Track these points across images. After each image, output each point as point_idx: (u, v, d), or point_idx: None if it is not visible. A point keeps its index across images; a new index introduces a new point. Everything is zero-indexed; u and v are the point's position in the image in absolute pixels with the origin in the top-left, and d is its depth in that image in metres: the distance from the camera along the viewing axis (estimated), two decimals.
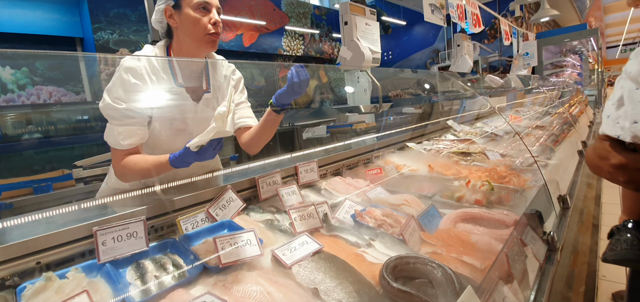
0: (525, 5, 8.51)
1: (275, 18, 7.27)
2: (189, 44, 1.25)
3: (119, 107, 1.13)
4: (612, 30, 23.74)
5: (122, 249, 0.92)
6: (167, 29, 1.29)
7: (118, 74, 1.15)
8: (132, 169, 1.17)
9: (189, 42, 1.25)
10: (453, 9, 3.19)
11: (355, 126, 4.92)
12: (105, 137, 1.17)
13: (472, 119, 3.31)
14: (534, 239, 1.01)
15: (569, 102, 4.51)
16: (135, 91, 1.15)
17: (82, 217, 0.95)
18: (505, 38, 5.22)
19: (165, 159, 1.11)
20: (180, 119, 1.29)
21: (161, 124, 1.25)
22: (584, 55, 9.82)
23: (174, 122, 1.27)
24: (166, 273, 0.89)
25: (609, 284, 2.16)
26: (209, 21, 1.22)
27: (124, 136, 1.15)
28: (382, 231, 1.08)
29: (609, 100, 0.74)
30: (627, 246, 0.76)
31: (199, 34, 1.21)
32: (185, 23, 1.22)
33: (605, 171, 0.72)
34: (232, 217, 1.18)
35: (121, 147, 1.15)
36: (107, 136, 1.17)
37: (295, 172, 1.48)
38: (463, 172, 1.63)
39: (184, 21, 1.22)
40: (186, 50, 1.27)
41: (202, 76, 1.34)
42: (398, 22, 9.55)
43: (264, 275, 0.87)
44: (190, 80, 1.30)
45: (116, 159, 1.18)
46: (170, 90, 1.25)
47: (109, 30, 4.69)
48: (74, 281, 0.80)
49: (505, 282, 0.77)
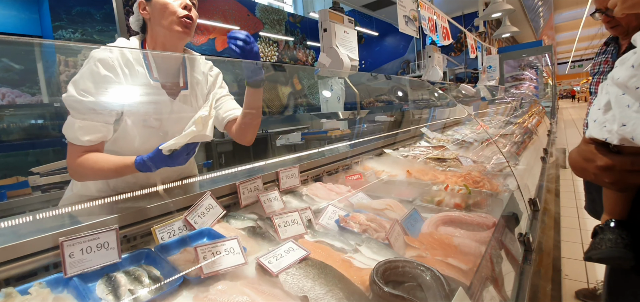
0: (488, 21, 9.06)
1: (249, 24, 7.20)
2: (163, 33, 1.19)
3: (84, 99, 1.04)
4: (562, 47, 25.90)
5: (91, 261, 0.84)
6: (143, 24, 1.23)
7: (88, 65, 1.07)
8: (91, 168, 1.09)
9: (162, 31, 1.18)
10: (425, 21, 3.32)
11: (330, 133, 4.95)
12: (64, 130, 1.08)
13: (444, 127, 3.45)
14: (512, 241, 1.05)
15: (530, 112, 4.82)
16: (105, 84, 1.07)
17: (45, 226, 0.86)
18: (471, 51, 5.51)
19: (130, 161, 1.04)
20: (154, 116, 1.21)
21: (134, 121, 1.17)
22: (539, 69, 10.60)
23: (147, 120, 1.20)
24: (142, 286, 0.82)
25: (572, 282, 2.31)
26: (180, 5, 1.17)
27: (84, 131, 1.06)
28: (367, 235, 1.07)
29: (593, 106, 0.79)
30: (611, 245, 0.81)
31: (169, 18, 1.16)
32: (156, 10, 1.16)
33: (591, 172, 0.76)
34: (212, 224, 1.12)
35: (80, 143, 1.06)
36: (66, 130, 1.07)
37: (276, 178, 1.45)
38: (440, 177, 1.68)
39: (155, 9, 1.17)
40: (161, 42, 1.21)
41: (179, 72, 1.28)
42: (371, 32, 9.81)
43: (250, 284, 0.83)
44: (166, 75, 1.24)
45: (72, 156, 1.09)
46: (144, 85, 1.17)
47: (71, 29, 4.40)
48: (38, 297, 0.72)
49: (491, 283, 0.79)
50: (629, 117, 0.68)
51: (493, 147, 2.33)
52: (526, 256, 1.04)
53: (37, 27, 4.37)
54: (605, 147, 0.75)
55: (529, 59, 9.58)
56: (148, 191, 1.10)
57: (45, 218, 0.88)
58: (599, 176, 0.76)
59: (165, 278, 0.85)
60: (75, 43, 1.14)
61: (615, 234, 0.82)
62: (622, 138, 0.69)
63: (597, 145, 0.76)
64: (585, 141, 0.79)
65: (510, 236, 1.07)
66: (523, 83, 9.45)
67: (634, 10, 0.68)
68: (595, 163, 0.75)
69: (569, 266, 2.48)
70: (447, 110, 3.70)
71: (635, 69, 0.66)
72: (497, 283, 0.83)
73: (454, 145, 2.60)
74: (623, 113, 0.68)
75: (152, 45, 1.22)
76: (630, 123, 0.67)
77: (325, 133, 4.99)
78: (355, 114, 2.27)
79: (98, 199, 1.02)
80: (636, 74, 0.66)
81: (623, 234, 0.82)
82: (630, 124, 0.67)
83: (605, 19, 1.76)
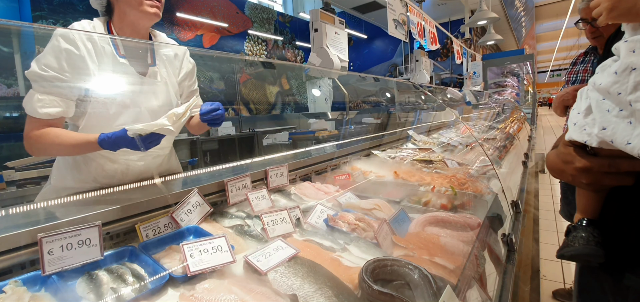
0: (473, 28, 9.28)
1: (238, 21, 7.13)
2: (132, 14, 1.18)
3: (44, 74, 1.04)
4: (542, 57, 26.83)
5: (72, 258, 0.81)
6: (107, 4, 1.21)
7: (51, 43, 1.06)
8: (51, 143, 1.07)
9: (132, 12, 1.17)
10: (414, 26, 3.37)
11: (318, 133, 4.95)
12: (23, 102, 1.06)
13: (430, 130, 3.50)
14: (496, 241, 1.07)
15: (512, 118, 4.96)
16: (68, 58, 1.06)
17: (22, 222, 0.82)
18: (457, 57, 5.63)
19: (93, 138, 1.05)
20: (124, 93, 1.20)
21: (103, 98, 1.16)
22: (521, 77, 10.93)
23: (117, 97, 1.18)
24: (125, 285, 0.80)
25: (549, 283, 2.39)
26: None
27: (43, 104, 1.04)
28: (356, 235, 1.08)
29: (574, 110, 0.82)
30: (584, 243, 0.84)
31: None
32: None
33: (569, 173, 0.80)
34: (199, 222, 1.11)
35: (38, 115, 1.05)
36: (25, 102, 1.06)
37: (265, 176, 1.44)
38: (426, 179, 1.70)
39: None
40: (129, 21, 1.20)
41: (147, 51, 1.27)
42: (360, 35, 9.88)
43: (237, 283, 0.82)
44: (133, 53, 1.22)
45: (29, 128, 1.07)
46: (112, 63, 1.15)
47: (52, 19, 4.24)
48: (14, 296, 0.69)
49: (477, 281, 0.81)
50: (608, 121, 0.71)
51: (477, 150, 2.38)
52: (509, 256, 1.07)
53: (15, 16, 4.19)
54: (583, 149, 0.78)
55: (512, 66, 9.87)
56: (133, 186, 1.07)
57: (21, 213, 0.85)
58: (576, 177, 0.79)
59: (150, 276, 0.83)
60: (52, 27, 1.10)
61: (587, 232, 0.86)
62: (602, 141, 0.72)
63: (576, 148, 0.79)
64: (565, 144, 0.82)
65: (494, 237, 1.09)
66: (505, 89, 9.72)
67: (618, 20, 0.71)
68: (574, 165, 0.78)
69: (547, 267, 2.56)
70: (432, 114, 3.76)
71: (618, 75, 0.69)
72: (482, 282, 0.84)
73: (440, 148, 2.65)
74: (603, 117, 0.72)
75: (119, 27, 1.21)
76: (610, 127, 0.70)
77: (313, 133, 4.99)
78: (344, 115, 2.28)
79: (79, 193, 0.99)
80: (619, 80, 0.69)
81: (595, 232, 0.86)
82: (610, 128, 0.70)
83: (590, 29, 1.82)
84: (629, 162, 0.71)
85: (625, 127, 0.68)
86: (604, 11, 0.71)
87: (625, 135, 0.67)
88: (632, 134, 0.66)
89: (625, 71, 0.68)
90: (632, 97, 0.66)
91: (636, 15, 0.69)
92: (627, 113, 0.68)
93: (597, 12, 0.73)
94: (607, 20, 0.71)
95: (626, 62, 0.69)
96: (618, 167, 0.73)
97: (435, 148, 2.61)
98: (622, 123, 0.68)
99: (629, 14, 0.69)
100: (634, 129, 0.66)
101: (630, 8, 0.68)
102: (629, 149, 0.66)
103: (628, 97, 0.67)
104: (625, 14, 0.70)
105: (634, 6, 0.68)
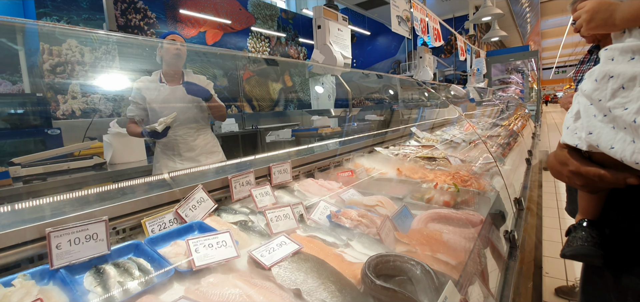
0: (478, 25, 9.22)
1: (241, 18, 7.12)
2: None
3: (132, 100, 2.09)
4: (547, 53, 26.56)
5: (79, 252, 0.83)
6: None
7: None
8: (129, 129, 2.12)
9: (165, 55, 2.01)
10: (417, 22, 3.36)
11: (321, 130, 4.94)
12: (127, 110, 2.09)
13: (433, 127, 3.49)
14: (498, 238, 1.08)
15: (516, 115, 4.93)
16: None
17: (30, 217, 0.84)
18: (461, 54, 5.60)
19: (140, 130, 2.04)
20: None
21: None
22: (525, 74, 10.84)
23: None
24: (131, 278, 0.81)
25: (552, 280, 2.38)
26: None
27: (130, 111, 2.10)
28: (359, 231, 1.08)
29: (568, 113, 0.84)
30: (583, 242, 0.86)
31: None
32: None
33: (565, 175, 0.81)
34: (203, 218, 1.12)
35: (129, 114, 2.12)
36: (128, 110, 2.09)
37: (268, 173, 1.45)
38: (429, 176, 1.71)
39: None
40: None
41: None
42: (363, 31, 9.84)
43: (242, 277, 0.83)
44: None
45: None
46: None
47: (56, 16, 4.25)
48: (22, 289, 0.70)
49: (478, 278, 0.81)
50: (594, 126, 0.73)
51: (480, 148, 2.38)
52: (511, 253, 1.08)
53: (19, 12, 4.21)
54: (578, 152, 0.80)
55: (516, 63, 9.80)
56: (139, 182, 1.08)
57: (29, 208, 0.86)
58: (571, 178, 0.81)
59: (156, 271, 0.84)
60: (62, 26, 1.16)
61: (586, 232, 0.88)
62: (590, 145, 0.74)
63: (570, 150, 0.81)
64: (560, 146, 0.84)
65: (497, 234, 1.10)
66: (510, 86, 9.65)
67: (596, 31, 0.75)
68: (568, 167, 0.80)
69: (550, 264, 2.56)
70: (435, 111, 3.75)
71: (598, 82, 0.71)
72: (484, 278, 0.85)
73: (443, 145, 2.64)
74: (590, 122, 0.74)
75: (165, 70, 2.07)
76: (596, 131, 0.72)
77: (316, 130, 4.99)
78: (347, 112, 2.29)
79: (87, 189, 1.00)
80: (598, 87, 0.71)
81: (593, 232, 0.88)
82: (596, 133, 0.72)
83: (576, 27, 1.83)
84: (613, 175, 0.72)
85: (609, 132, 0.70)
86: (584, 23, 0.76)
87: (609, 139, 0.69)
88: (614, 138, 0.68)
89: (604, 78, 0.71)
90: (610, 104, 0.69)
91: (612, 26, 0.72)
92: (609, 119, 0.70)
93: (578, 24, 0.76)
94: (587, 31, 0.75)
95: (604, 70, 0.71)
96: (602, 179, 0.74)
97: (438, 145, 2.60)
98: (606, 128, 0.70)
99: (606, 25, 0.73)
100: (616, 134, 0.68)
101: (606, 19, 0.72)
102: (613, 153, 0.68)
103: (607, 103, 0.69)
104: (601, 25, 0.73)
105: (609, 17, 0.71)
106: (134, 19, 5.22)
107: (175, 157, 2.08)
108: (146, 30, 5.39)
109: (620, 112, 0.66)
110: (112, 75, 2.18)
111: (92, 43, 4.46)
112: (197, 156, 2.10)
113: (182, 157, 2.08)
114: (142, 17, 5.33)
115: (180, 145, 2.06)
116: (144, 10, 5.36)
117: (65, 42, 4.31)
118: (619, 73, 0.68)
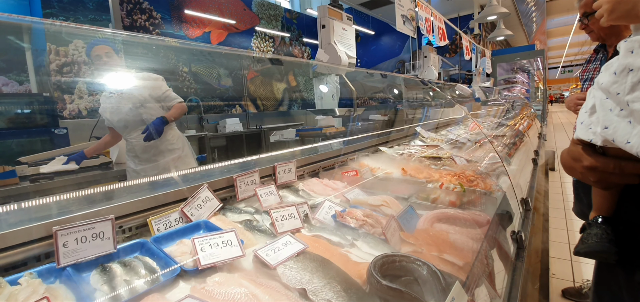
0: (483, 24, 9.15)
1: (246, 18, 7.14)
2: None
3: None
4: (553, 52, 26.30)
5: (86, 251, 0.83)
6: None
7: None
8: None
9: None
10: (422, 21, 3.34)
11: (325, 130, 4.94)
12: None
13: (438, 126, 3.47)
14: (505, 238, 1.07)
15: (522, 115, 4.89)
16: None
17: (37, 215, 0.84)
18: (466, 53, 5.56)
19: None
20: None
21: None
22: (531, 73, 10.75)
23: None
24: (138, 277, 0.81)
25: (559, 281, 2.35)
26: None
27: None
28: (364, 231, 1.08)
29: (582, 108, 0.82)
30: (597, 240, 0.85)
31: None
32: None
33: (578, 171, 0.80)
34: (208, 217, 1.12)
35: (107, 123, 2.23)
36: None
37: (273, 173, 1.45)
38: (434, 176, 1.69)
39: None
40: None
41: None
42: (367, 31, 9.81)
43: (247, 277, 0.83)
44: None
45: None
46: None
47: (62, 17, 4.30)
48: (29, 288, 0.71)
49: (485, 279, 0.80)
50: (610, 120, 0.71)
51: (486, 147, 2.36)
52: (518, 254, 1.06)
53: (26, 13, 4.26)
54: (591, 147, 0.78)
55: (522, 62, 9.71)
56: (144, 181, 1.09)
57: (36, 206, 0.87)
58: (585, 174, 0.79)
59: (162, 269, 0.84)
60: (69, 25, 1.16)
61: (601, 229, 0.87)
62: (605, 139, 0.72)
63: (584, 146, 0.79)
64: (574, 142, 0.83)
65: (504, 234, 1.08)
66: (515, 86, 9.57)
67: (618, 22, 0.72)
68: (582, 163, 0.79)
69: (557, 265, 2.53)
70: (440, 110, 3.73)
71: (617, 75, 0.69)
72: (491, 279, 0.84)
73: (448, 145, 2.62)
74: (606, 116, 0.72)
75: None
76: (612, 126, 0.70)
77: (320, 130, 4.98)
78: (351, 112, 2.28)
79: (93, 188, 1.01)
80: (617, 81, 0.69)
81: (608, 229, 0.87)
82: (612, 127, 0.70)
83: (581, 25, 1.81)
84: (634, 165, 0.71)
85: (625, 126, 0.68)
86: (605, 13, 0.72)
87: (625, 134, 0.68)
88: (631, 133, 0.67)
89: (623, 72, 0.69)
90: (629, 98, 0.67)
91: (635, 17, 0.69)
92: (627, 113, 0.68)
93: (599, 14, 0.73)
94: (608, 21, 0.72)
95: (624, 63, 0.69)
96: (622, 170, 0.73)
97: (443, 145, 2.59)
98: (623, 122, 0.69)
99: (629, 16, 0.70)
100: (633, 128, 0.67)
101: (629, 10, 0.69)
102: (629, 147, 0.67)
103: (626, 97, 0.67)
104: (624, 16, 0.70)
105: (633, 8, 0.68)
106: (139, 20, 5.26)
107: (135, 159, 2.16)
108: (151, 31, 5.43)
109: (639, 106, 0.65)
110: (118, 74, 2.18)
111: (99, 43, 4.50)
112: (152, 156, 2.14)
113: (139, 159, 2.14)
114: (147, 18, 5.37)
115: (136, 147, 2.13)
116: (150, 11, 5.40)
117: (72, 43, 4.35)
118: (639, 66, 0.66)
